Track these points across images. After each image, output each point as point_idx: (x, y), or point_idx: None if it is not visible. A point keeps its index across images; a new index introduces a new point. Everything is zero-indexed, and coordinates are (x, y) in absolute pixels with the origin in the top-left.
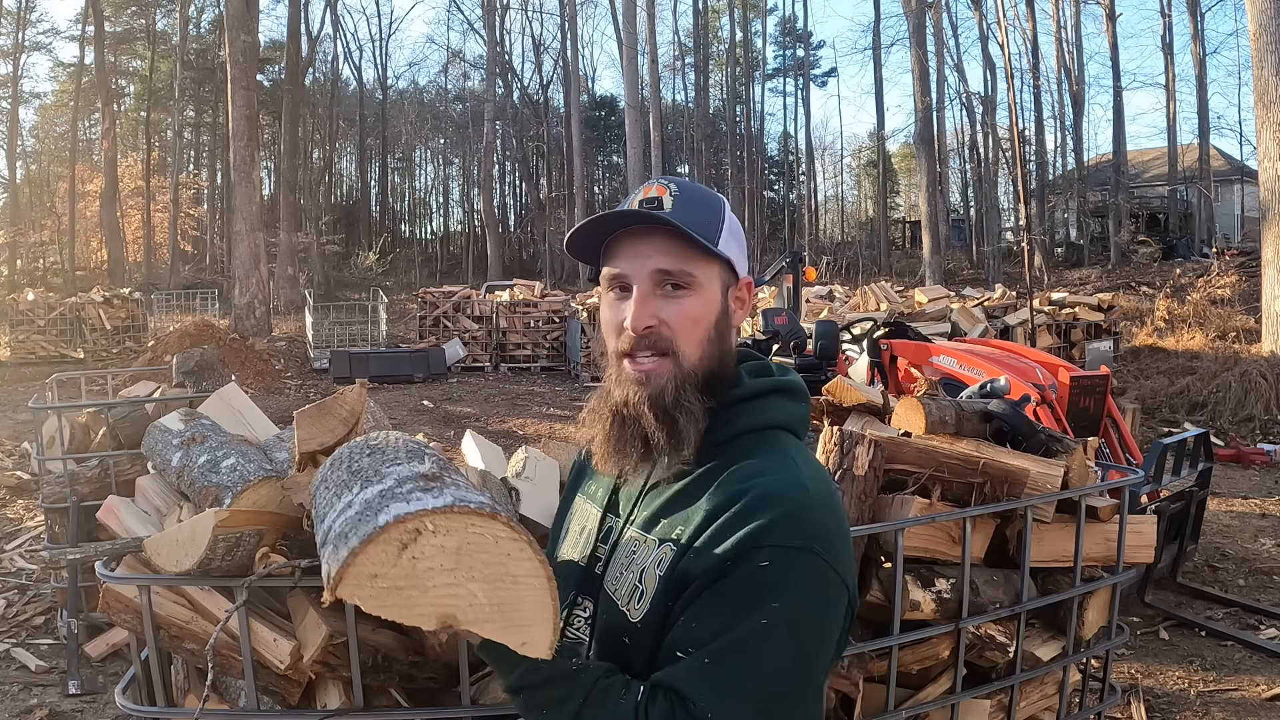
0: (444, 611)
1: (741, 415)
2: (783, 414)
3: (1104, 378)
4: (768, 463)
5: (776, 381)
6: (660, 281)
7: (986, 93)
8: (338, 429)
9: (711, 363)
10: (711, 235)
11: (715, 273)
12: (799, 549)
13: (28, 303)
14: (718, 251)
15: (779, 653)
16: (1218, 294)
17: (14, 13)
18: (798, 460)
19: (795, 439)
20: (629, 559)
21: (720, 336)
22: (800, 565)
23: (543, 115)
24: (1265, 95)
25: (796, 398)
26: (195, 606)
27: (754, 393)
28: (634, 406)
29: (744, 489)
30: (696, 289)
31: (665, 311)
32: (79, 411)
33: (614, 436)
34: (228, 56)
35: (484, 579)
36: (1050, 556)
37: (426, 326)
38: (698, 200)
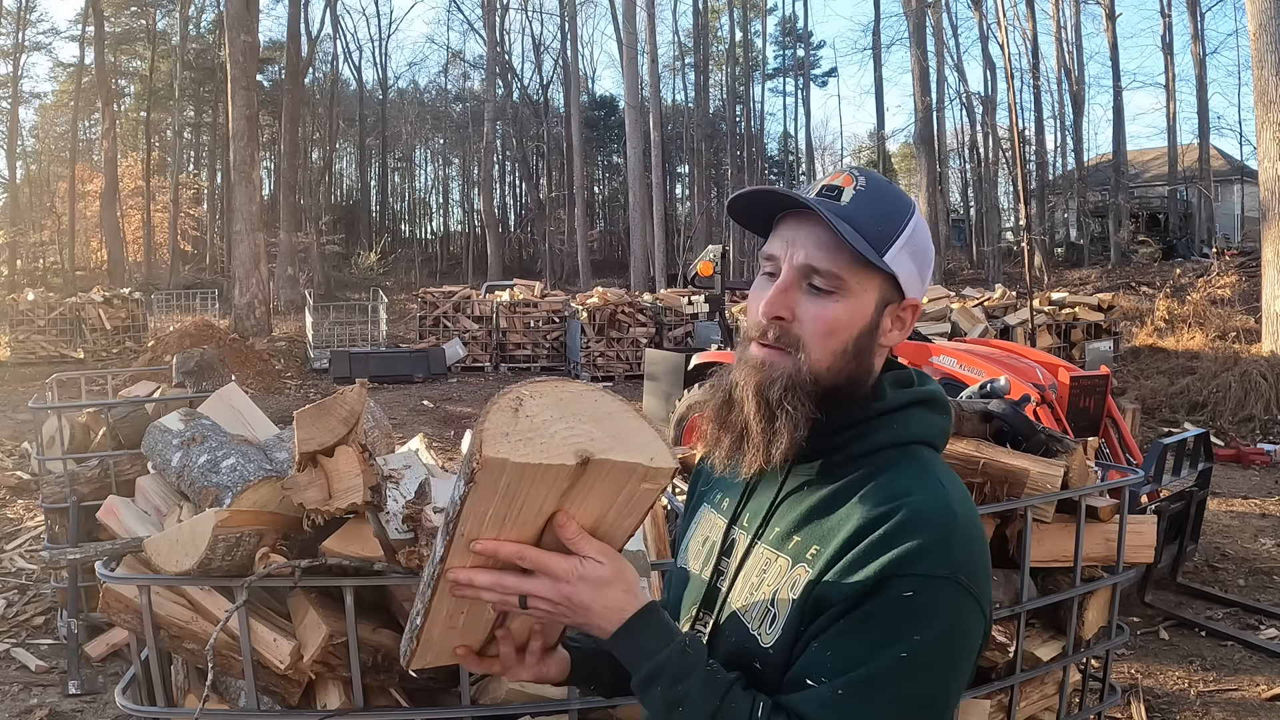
0: (578, 447)
1: (882, 428)
2: (923, 427)
3: (1104, 378)
4: (913, 482)
5: (917, 393)
6: (806, 275)
7: (986, 93)
8: (338, 429)
9: (839, 377)
10: (881, 243)
11: (874, 284)
12: (944, 578)
13: (28, 303)
14: (880, 263)
15: (916, 688)
16: (1218, 294)
17: (14, 13)
18: (943, 481)
19: (936, 455)
20: (759, 578)
21: (859, 352)
22: (945, 596)
23: (543, 115)
24: (1265, 95)
25: (937, 409)
26: (195, 606)
27: (896, 405)
28: (742, 389)
29: (889, 511)
30: (845, 296)
31: (803, 308)
32: (79, 411)
33: (719, 415)
34: (228, 56)
35: (590, 419)
36: (1050, 556)
37: (426, 326)
38: (883, 201)
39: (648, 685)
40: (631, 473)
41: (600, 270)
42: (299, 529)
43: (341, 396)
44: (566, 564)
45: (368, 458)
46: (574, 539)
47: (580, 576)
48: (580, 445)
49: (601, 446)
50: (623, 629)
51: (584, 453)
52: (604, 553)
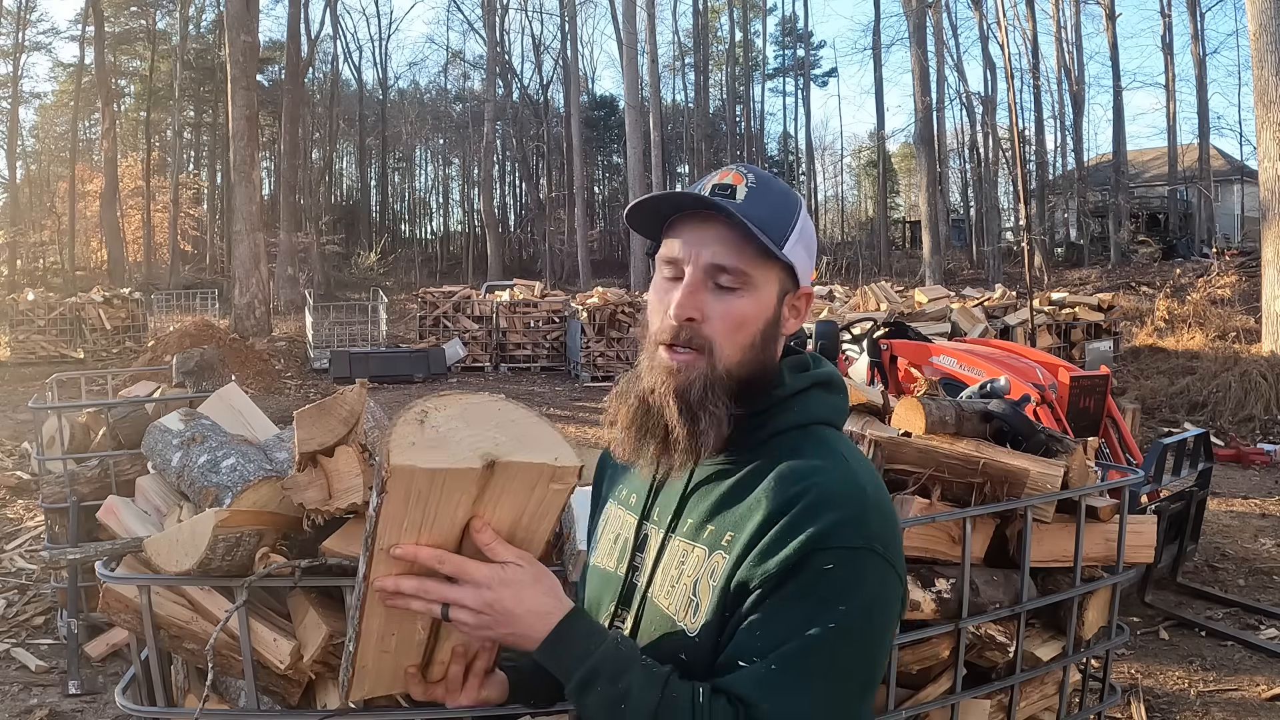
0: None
1: (784, 412)
2: (822, 408)
3: (1104, 378)
4: (820, 461)
5: (814, 375)
6: (713, 275)
7: (986, 93)
8: (338, 429)
9: (750, 369)
10: (779, 236)
11: (774, 276)
12: (862, 549)
13: (28, 303)
14: (781, 255)
15: (847, 656)
16: (1218, 294)
17: (14, 13)
18: (848, 457)
19: (837, 432)
20: (679, 570)
21: (765, 343)
22: (865, 566)
23: (543, 115)
24: (1265, 95)
25: (834, 389)
26: (195, 606)
27: (796, 389)
28: (660, 395)
29: (801, 490)
30: (750, 290)
31: (711, 307)
32: (79, 411)
33: (636, 423)
34: (228, 56)
35: (494, 425)
36: (1050, 556)
37: (426, 326)
38: (773, 196)
39: (584, 688)
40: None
41: (600, 270)
42: (299, 529)
43: (341, 396)
44: (487, 570)
45: (368, 458)
46: (490, 544)
47: (501, 581)
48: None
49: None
50: (552, 634)
51: (489, 455)
52: (522, 558)
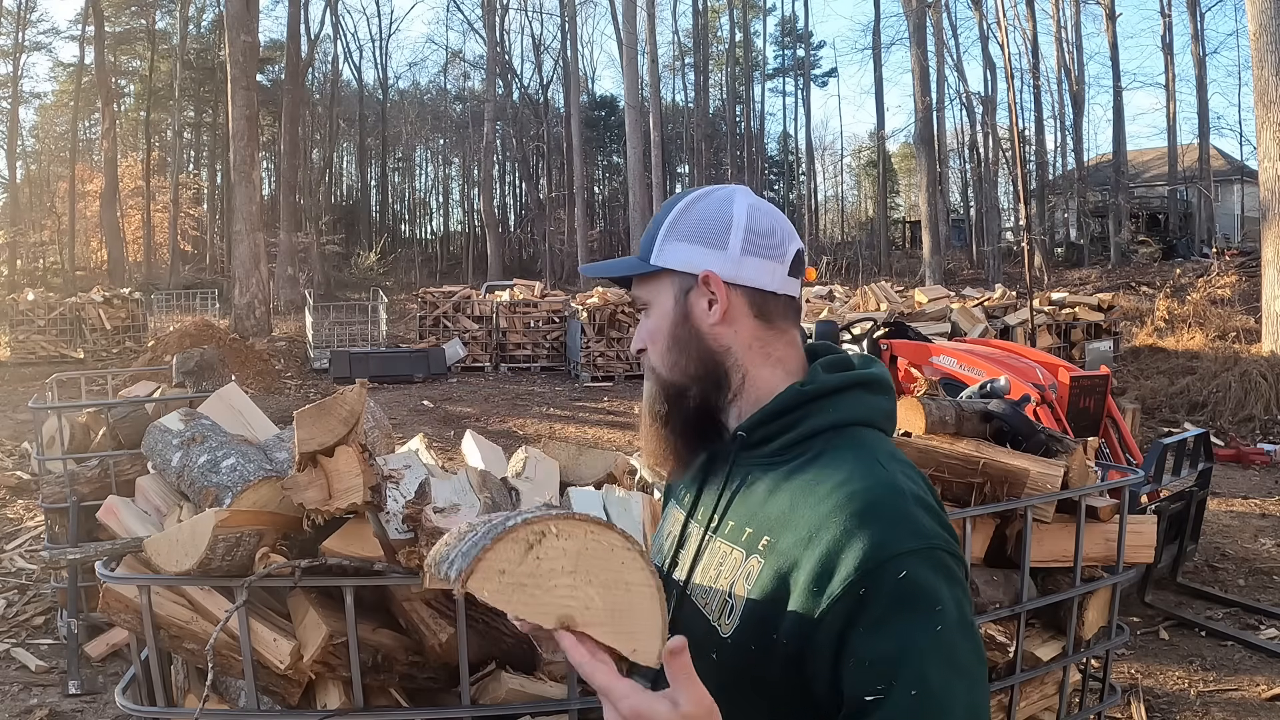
0: (563, 612)
1: (818, 412)
2: (861, 409)
3: (1104, 378)
4: (853, 467)
5: (854, 375)
6: (639, 308)
7: (986, 93)
8: (338, 429)
9: (680, 372)
10: (647, 252)
11: (662, 285)
12: (923, 550)
13: (28, 303)
14: (649, 268)
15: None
16: (1218, 294)
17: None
18: (883, 460)
19: (880, 435)
20: (716, 571)
21: (682, 344)
22: (932, 564)
23: (543, 115)
24: (1265, 95)
25: (876, 390)
26: (195, 606)
27: (829, 388)
28: (642, 412)
29: (837, 501)
30: (651, 306)
31: (643, 333)
32: (79, 411)
33: (646, 434)
34: (228, 56)
35: (600, 584)
36: (1050, 556)
37: (426, 326)
38: (654, 220)
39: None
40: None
41: None
42: (299, 529)
43: (341, 396)
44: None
45: (368, 458)
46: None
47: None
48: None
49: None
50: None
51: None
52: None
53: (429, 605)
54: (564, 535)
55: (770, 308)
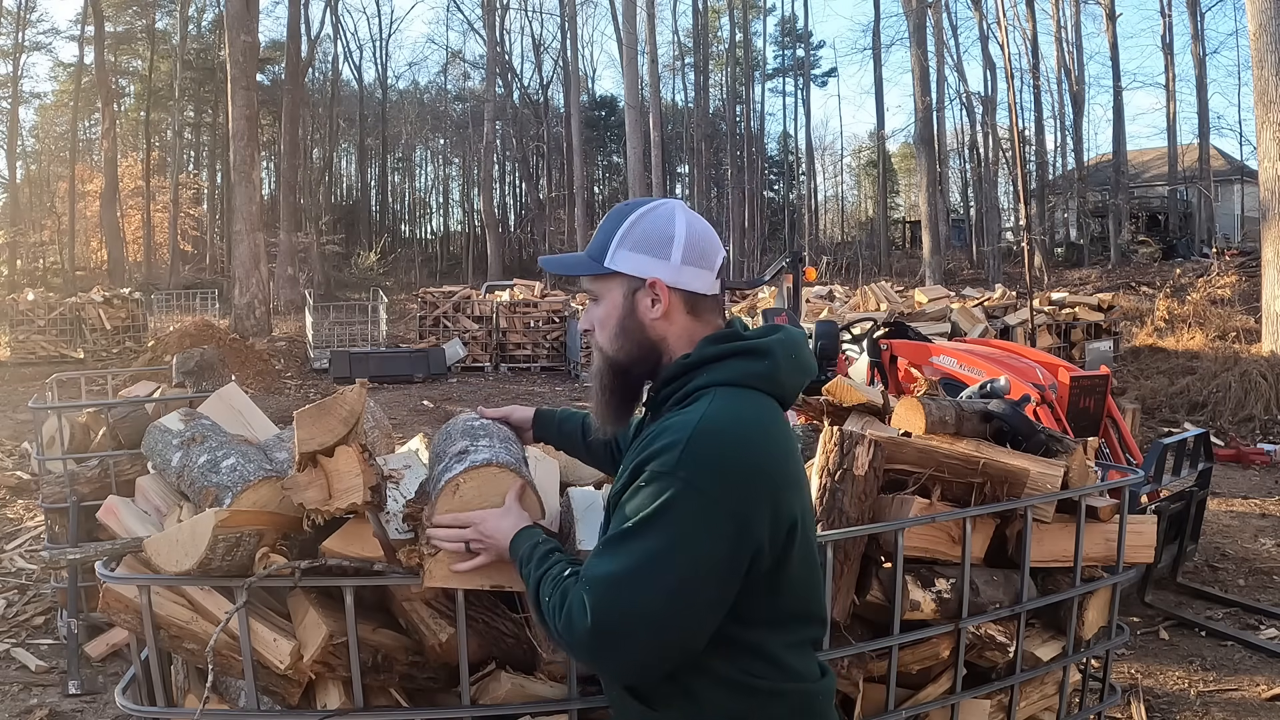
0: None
1: (696, 376)
2: (732, 371)
3: (1104, 378)
4: (685, 411)
5: (731, 346)
6: (589, 296)
7: (986, 93)
8: (338, 429)
9: (624, 354)
10: (600, 255)
11: (613, 284)
12: (667, 474)
13: (28, 303)
14: (603, 270)
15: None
16: (1218, 294)
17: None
18: (710, 405)
19: (747, 391)
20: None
21: (627, 332)
22: (666, 488)
23: (543, 115)
24: (1265, 95)
25: (754, 356)
26: (195, 606)
27: (706, 357)
28: (591, 380)
29: (654, 433)
30: (601, 299)
31: (592, 318)
32: (79, 411)
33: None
34: (228, 56)
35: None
36: (1050, 556)
37: (426, 326)
38: (608, 223)
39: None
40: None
41: None
42: (299, 529)
43: (341, 396)
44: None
45: (368, 458)
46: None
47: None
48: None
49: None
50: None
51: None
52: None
53: (429, 605)
54: (469, 480)
55: (700, 305)
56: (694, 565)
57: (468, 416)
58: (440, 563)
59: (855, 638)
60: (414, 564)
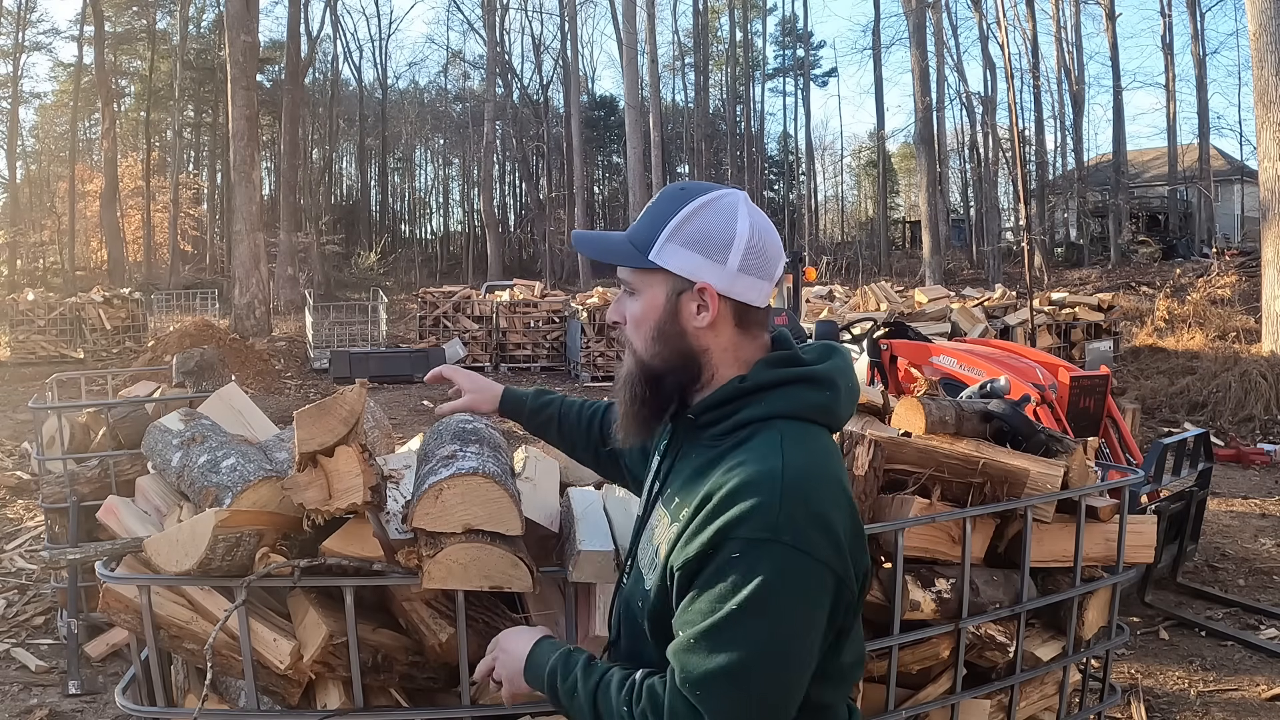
0: (465, 522)
1: (751, 404)
2: (793, 403)
3: (1104, 378)
4: (756, 453)
5: (794, 372)
6: (624, 286)
7: (986, 93)
8: (338, 429)
9: (659, 361)
10: (646, 247)
11: (656, 280)
12: (767, 541)
13: (28, 303)
14: (646, 264)
15: (748, 634)
16: (1218, 294)
17: (14, 13)
18: (785, 449)
19: (809, 427)
20: (653, 531)
21: (666, 338)
22: (767, 556)
23: (543, 115)
24: (1265, 95)
25: (817, 386)
26: (195, 606)
27: (764, 383)
28: (620, 381)
29: (721, 483)
30: (639, 294)
31: (625, 311)
32: (79, 411)
33: (620, 399)
34: (228, 56)
35: (479, 503)
36: (1050, 556)
37: (426, 326)
38: (653, 210)
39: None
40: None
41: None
42: (299, 529)
43: (341, 396)
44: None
45: (368, 458)
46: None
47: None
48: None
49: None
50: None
51: (468, 524)
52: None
53: (429, 605)
54: (451, 486)
55: (750, 318)
56: (804, 637)
57: (461, 417)
58: (440, 563)
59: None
60: (414, 564)
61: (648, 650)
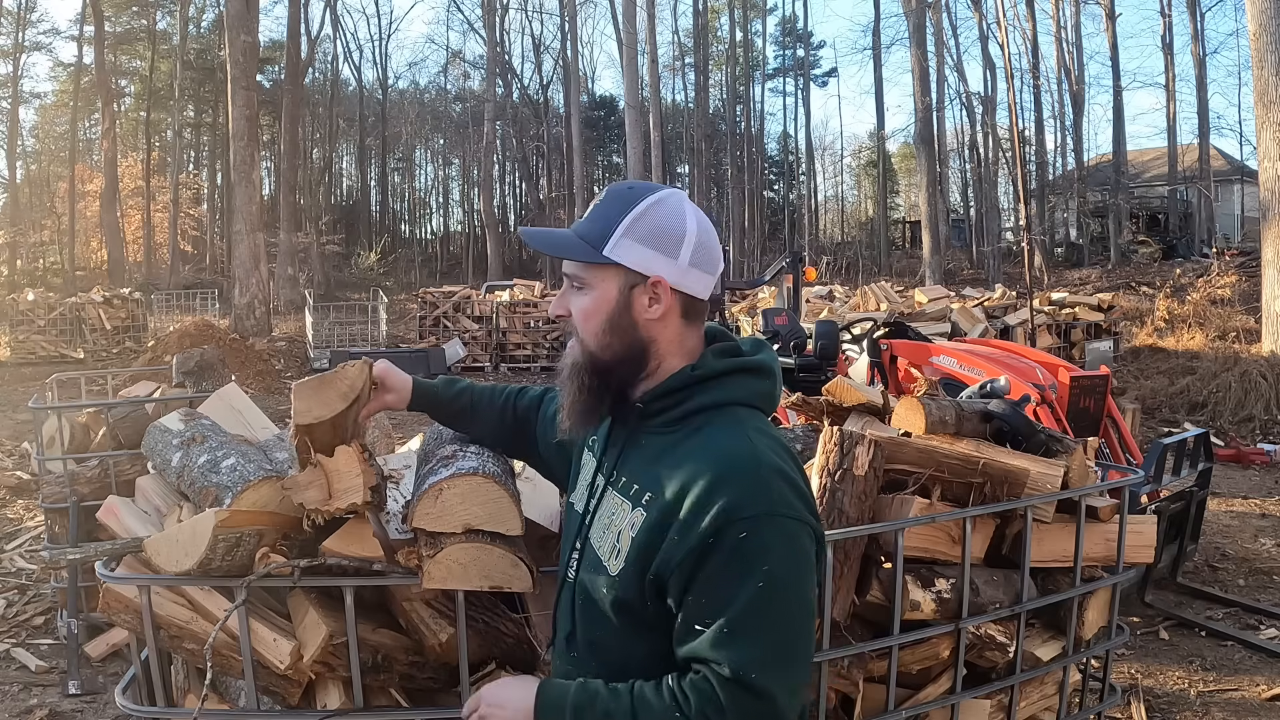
0: (465, 522)
1: (703, 392)
2: (743, 390)
3: (1104, 378)
4: (724, 438)
5: (740, 361)
6: (571, 280)
7: (986, 93)
8: (335, 404)
9: (610, 353)
10: (599, 242)
11: (608, 275)
12: (765, 515)
13: (28, 303)
14: (601, 259)
15: (782, 605)
16: (1218, 294)
17: (14, 13)
18: (751, 434)
19: (756, 412)
20: (609, 519)
21: (617, 330)
22: (772, 529)
23: (543, 115)
24: (1265, 95)
25: (760, 375)
26: (195, 606)
27: (715, 371)
28: (565, 372)
29: (705, 467)
30: (589, 288)
31: (573, 305)
32: (79, 411)
33: (563, 389)
34: (228, 56)
35: (479, 503)
36: (1050, 556)
37: (426, 326)
38: (605, 206)
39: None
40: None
41: None
42: (299, 529)
43: (343, 370)
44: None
45: (368, 458)
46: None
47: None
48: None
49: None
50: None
51: (469, 524)
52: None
53: (429, 605)
54: (450, 487)
55: (696, 310)
56: (811, 590)
57: None
58: (440, 563)
59: (855, 638)
60: (414, 564)
61: (609, 637)
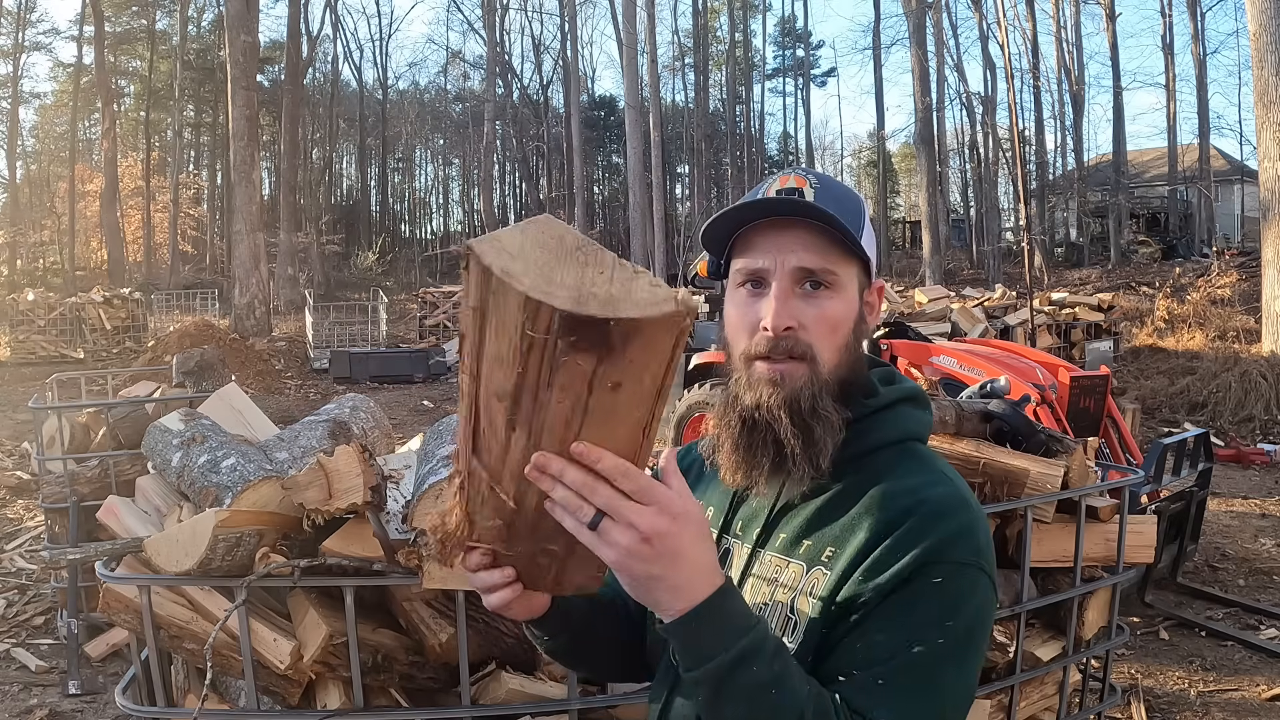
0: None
1: (878, 427)
2: (913, 424)
3: (1104, 378)
4: (924, 478)
5: (904, 389)
6: (801, 280)
7: (986, 93)
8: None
9: (846, 370)
10: (856, 231)
11: (855, 273)
12: (972, 565)
13: (28, 303)
14: (862, 250)
15: (953, 672)
16: (1218, 294)
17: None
18: (949, 474)
19: (930, 449)
20: (771, 586)
21: (856, 344)
22: (972, 582)
23: (543, 115)
24: (1265, 95)
25: (922, 405)
26: (195, 606)
27: (888, 402)
28: (767, 410)
29: (911, 506)
30: (838, 289)
31: (804, 313)
32: (79, 411)
33: (744, 444)
34: (228, 56)
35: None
36: (1050, 556)
37: (426, 326)
38: (840, 193)
39: (739, 664)
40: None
41: None
42: (299, 529)
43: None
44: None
45: (368, 458)
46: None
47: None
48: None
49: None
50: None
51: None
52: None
53: (429, 605)
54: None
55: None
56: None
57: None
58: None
59: None
60: (414, 564)
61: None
